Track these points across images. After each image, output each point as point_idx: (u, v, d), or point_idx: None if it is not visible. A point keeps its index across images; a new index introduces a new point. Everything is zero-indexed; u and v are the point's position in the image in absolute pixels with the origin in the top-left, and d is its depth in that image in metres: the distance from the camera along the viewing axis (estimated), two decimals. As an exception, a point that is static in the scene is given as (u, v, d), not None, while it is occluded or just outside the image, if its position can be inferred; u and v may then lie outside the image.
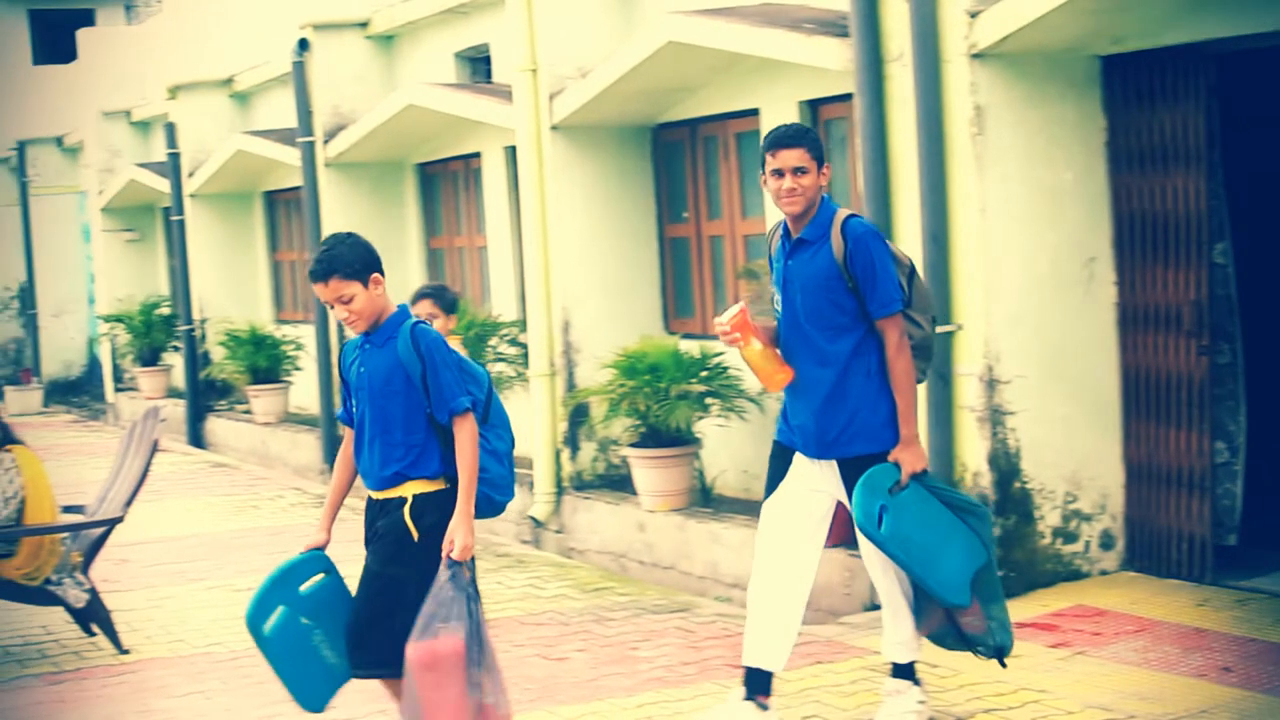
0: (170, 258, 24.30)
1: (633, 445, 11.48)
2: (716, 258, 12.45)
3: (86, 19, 31.00)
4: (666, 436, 11.26)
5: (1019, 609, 8.81)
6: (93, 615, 9.81)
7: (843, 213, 6.82)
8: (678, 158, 12.72)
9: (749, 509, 11.07)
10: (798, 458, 6.98)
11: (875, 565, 6.99)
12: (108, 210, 25.69)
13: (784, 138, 6.81)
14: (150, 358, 23.92)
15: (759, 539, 7.06)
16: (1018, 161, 9.13)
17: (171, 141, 21.57)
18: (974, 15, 8.87)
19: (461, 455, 6.39)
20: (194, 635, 10.02)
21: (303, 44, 16.88)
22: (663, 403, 11.07)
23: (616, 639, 9.28)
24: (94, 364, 29.23)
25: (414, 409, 6.43)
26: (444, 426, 6.42)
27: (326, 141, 16.76)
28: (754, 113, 11.75)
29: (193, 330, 21.62)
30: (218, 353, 20.78)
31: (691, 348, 11.41)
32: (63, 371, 29.90)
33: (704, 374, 11.17)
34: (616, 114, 12.38)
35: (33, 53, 32.88)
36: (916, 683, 7.04)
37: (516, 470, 13.28)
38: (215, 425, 21.08)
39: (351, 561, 6.75)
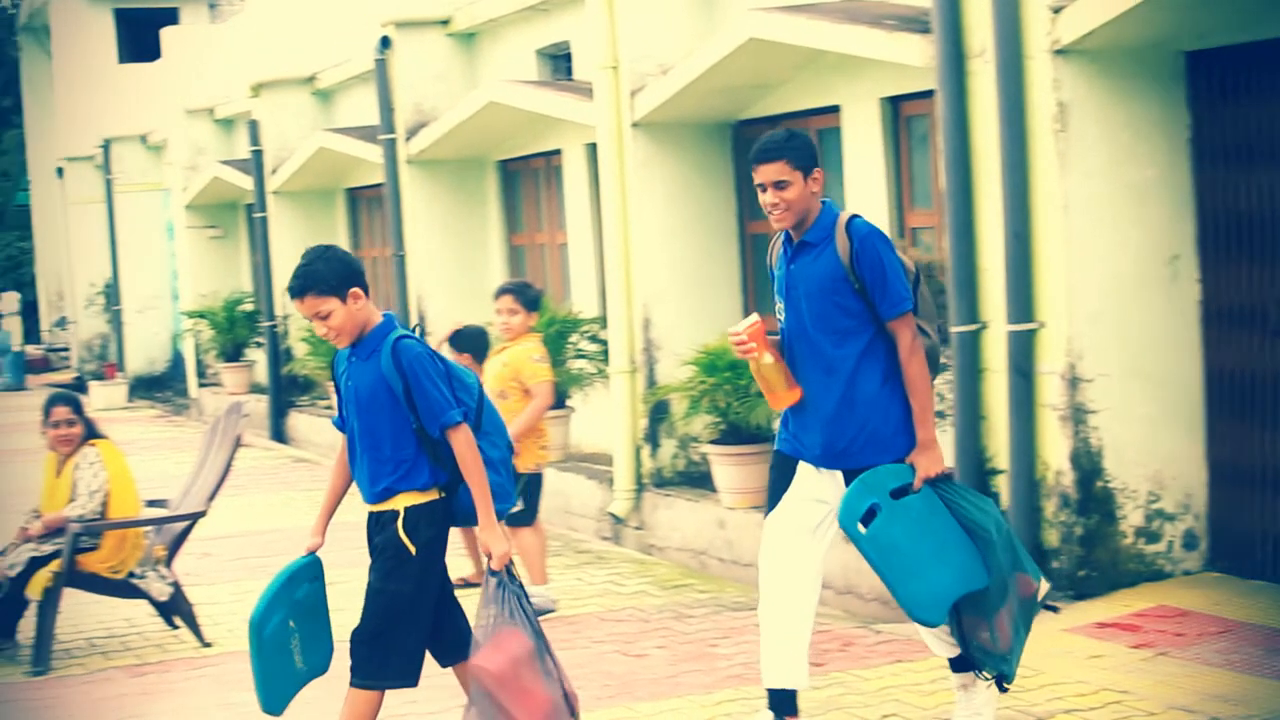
0: (253, 254, 24.44)
1: (713, 442, 11.46)
2: (797, 255, 12.41)
3: (171, 18, 31.26)
4: (747, 433, 11.24)
5: (1101, 609, 8.77)
6: (176, 608, 9.90)
7: (846, 214, 6.69)
8: (759, 155, 12.69)
9: (829, 507, 11.04)
10: (801, 467, 6.81)
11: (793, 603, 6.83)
12: (191, 207, 25.88)
13: (760, 152, 6.65)
14: (233, 353, 24.08)
15: (762, 557, 6.91)
16: (1101, 158, 9.06)
17: (254, 139, 21.71)
18: (1057, 11, 8.81)
19: (465, 468, 6.37)
20: (276, 629, 10.06)
21: (385, 41, 16.95)
22: (743, 400, 11.05)
23: (696, 636, 9.28)
24: (178, 359, 29.44)
25: (400, 424, 6.40)
26: (433, 440, 6.38)
27: (408, 139, 16.82)
28: (835, 109, 11.71)
29: (275, 326, 21.75)
30: (300, 349, 20.90)
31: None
32: (147, 367, 30.13)
33: (784, 371, 11.13)
34: (697, 111, 12.37)
35: (118, 51, 33.20)
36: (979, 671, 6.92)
37: (596, 466, 13.35)
38: (297, 420, 21.20)
39: (357, 566, 6.84)
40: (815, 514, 6.76)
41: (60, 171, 34.20)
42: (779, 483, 6.86)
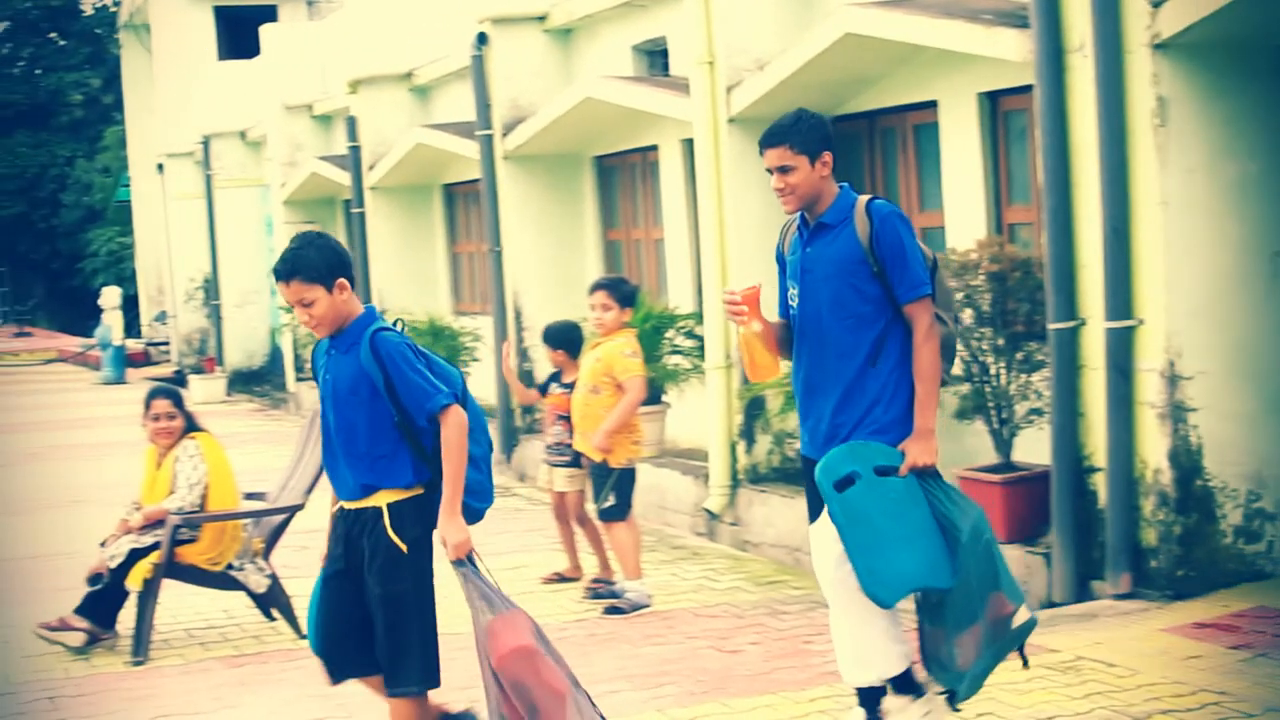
0: (350, 249, 24.56)
1: (808, 438, 11.43)
2: (893, 251, 12.36)
3: (269, 15, 31.52)
4: (842, 430, 11.20)
5: (1199, 609, 8.70)
6: (273, 600, 9.98)
7: (865, 197, 6.56)
8: (855, 150, 12.65)
9: (924, 504, 11.00)
10: None
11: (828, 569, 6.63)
12: (289, 203, 26.06)
13: (766, 136, 6.60)
14: (331, 348, 24.20)
15: (817, 568, 6.75)
16: (1201, 154, 8.98)
17: (352, 135, 21.84)
18: (1156, 5, 8.74)
19: (447, 450, 6.24)
20: (372, 622, 10.12)
21: (482, 38, 17.01)
22: (838, 396, 11.01)
23: (790, 633, 9.27)
24: (276, 354, 29.67)
25: (379, 419, 6.27)
26: (417, 433, 6.26)
27: (505, 134, 16.87)
28: (932, 105, 11.66)
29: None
30: (395, 343, 20.97)
31: (867, 341, 11.34)
32: (245, 361, 30.38)
33: (880, 367, 11.09)
34: (793, 106, 12.26)
35: (218, 48, 33.51)
36: (919, 694, 6.68)
37: (692, 462, 13.34)
38: (394, 415, 21.27)
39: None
40: None
41: (160, 167, 34.53)
42: (814, 489, 6.62)
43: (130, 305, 39.22)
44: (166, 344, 36.89)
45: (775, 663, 8.56)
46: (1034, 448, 9.94)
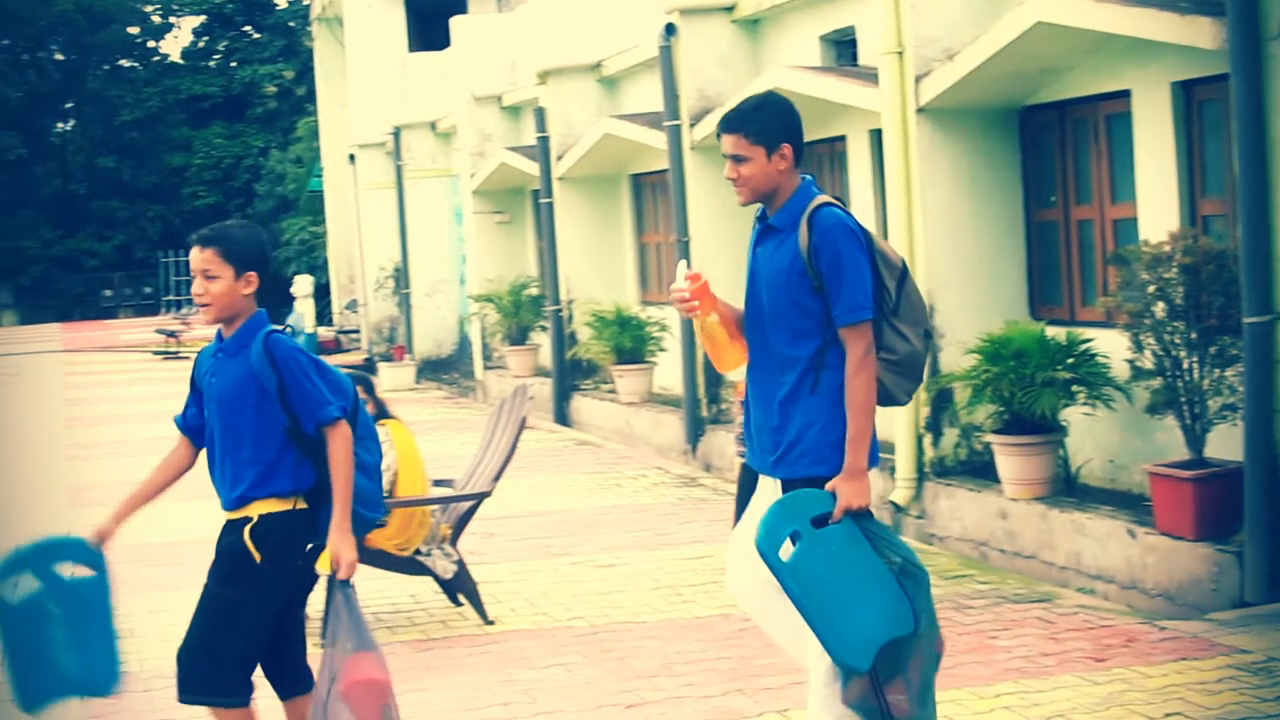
0: (538, 239, 24.75)
1: (995, 432, 11.35)
2: (1085, 243, 12.23)
3: (459, 7, 31.75)
4: (1030, 423, 11.10)
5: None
6: (460, 586, 10.08)
7: (818, 200, 6.00)
8: (1045, 140, 12.51)
9: (1114, 499, 10.88)
10: (762, 480, 6.20)
11: (777, 623, 6.19)
12: (479, 193, 26.28)
13: (722, 120, 6.14)
14: (518, 337, 24.40)
15: (729, 583, 6.36)
16: (1404, 144, 8.79)
17: (541, 126, 21.97)
18: (1359, -8, 8.55)
19: (334, 466, 6.07)
20: (557, 609, 10.21)
21: (669, 29, 17.03)
22: (1027, 389, 10.92)
23: (975, 627, 9.20)
24: (464, 342, 29.93)
25: (267, 424, 6.09)
26: (305, 440, 6.09)
27: (693, 125, 16.89)
28: (1125, 94, 11.50)
29: (560, 310, 21.99)
30: (584, 333, 21.11)
31: (1058, 334, 11.23)
32: (434, 349, 30.67)
33: (1070, 361, 10.98)
34: (983, 96, 12.23)
35: (408, 40, 33.81)
36: None
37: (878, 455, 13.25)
38: (580, 404, 21.43)
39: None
40: None
41: (352, 158, 34.97)
42: (742, 497, 6.31)
43: (322, 293, 39.79)
44: (357, 332, 37.36)
45: (960, 658, 8.49)
46: (1227, 444, 9.78)
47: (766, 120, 6.07)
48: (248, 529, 6.08)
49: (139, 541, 11.45)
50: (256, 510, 6.11)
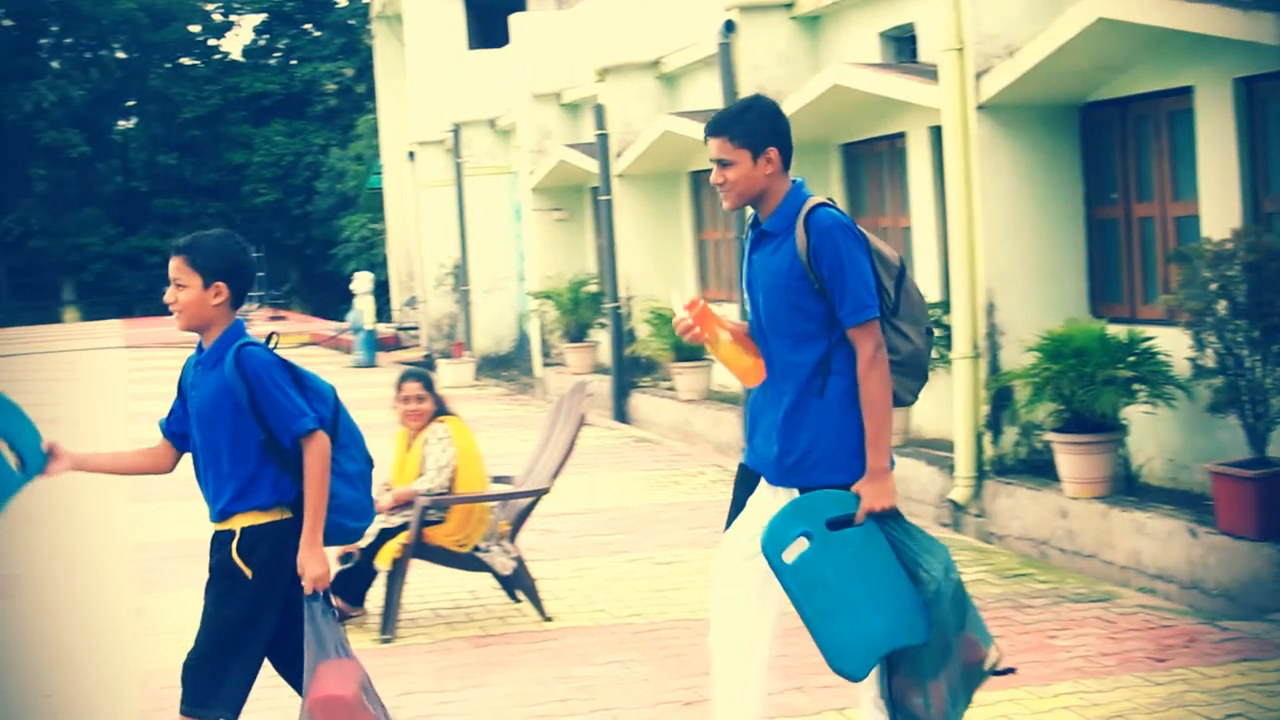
0: (597, 236, 24.77)
1: (1056, 430, 11.29)
2: (1146, 240, 12.16)
3: (519, 4, 31.81)
4: (1091, 422, 11.05)
5: None
6: (518, 582, 10.10)
7: (812, 201, 5.92)
8: (1106, 137, 12.45)
9: (1175, 499, 10.81)
10: (762, 484, 6.08)
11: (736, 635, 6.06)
12: (538, 190, 26.31)
13: (709, 124, 6.01)
14: (577, 334, 24.42)
15: (712, 578, 6.22)
16: None
17: (600, 123, 22.00)
18: None
19: (309, 479, 5.99)
20: (615, 605, 10.22)
21: (729, 25, 17.02)
22: (1088, 388, 10.87)
23: (1034, 627, 9.16)
24: (523, 339, 29.99)
25: (243, 437, 6.02)
26: (283, 453, 6.02)
27: (755, 122, 16.84)
28: (1187, 91, 11.43)
29: (619, 308, 22.01)
30: (642, 330, 21.12)
31: (1119, 332, 11.17)
32: (493, 346, 30.74)
33: (1131, 359, 10.92)
34: (1043, 93, 12.18)
35: (468, 38, 33.91)
36: None
37: (936, 452, 13.24)
38: (639, 401, 21.44)
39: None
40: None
41: (411, 155, 35.07)
42: (737, 499, 6.19)
43: (381, 290, 39.90)
44: (416, 329, 37.47)
45: (1019, 657, 8.46)
46: (1290, 443, 9.72)
47: (752, 124, 5.96)
48: (234, 544, 6.06)
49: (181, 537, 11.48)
50: (239, 523, 6.07)
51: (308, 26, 70.37)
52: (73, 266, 65.66)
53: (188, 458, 6.35)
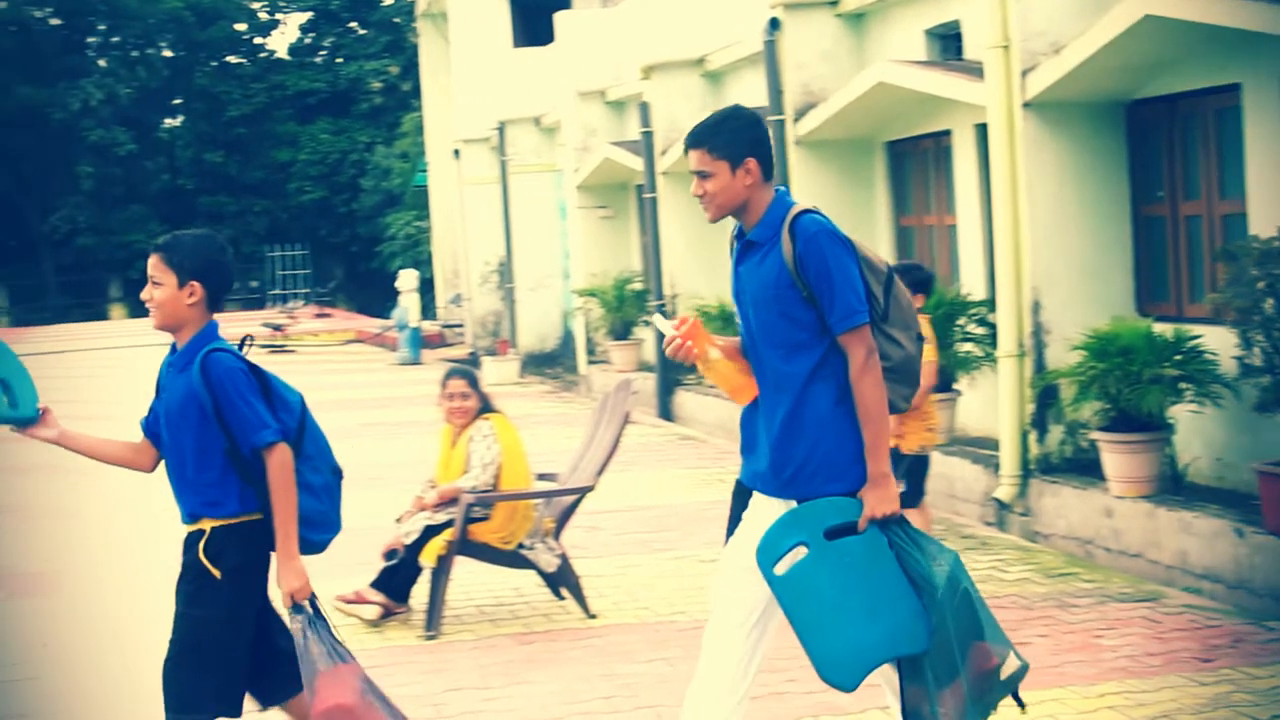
0: (642, 234, 24.79)
1: (1102, 429, 11.25)
2: (1193, 238, 12.11)
3: (564, 2, 31.84)
4: (1137, 421, 11.01)
5: None
6: (563, 580, 10.11)
7: (797, 208, 5.82)
8: (1153, 135, 12.40)
9: (1222, 498, 10.76)
10: (755, 498, 5.98)
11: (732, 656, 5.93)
12: (583, 187, 26.34)
13: (688, 136, 5.92)
14: (622, 332, 24.44)
15: (712, 590, 6.13)
16: None
17: (645, 120, 22.01)
18: None
19: (274, 493, 5.91)
20: (659, 603, 10.23)
21: (774, 23, 17.01)
22: (1134, 386, 10.83)
23: (1080, 626, 9.14)
24: (568, 337, 30.03)
25: (207, 443, 5.95)
26: (244, 463, 5.94)
27: (797, 120, 16.86)
28: (1235, 88, 11.37)
29: (663, 305, 22.01)
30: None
31: (1165, 330, 11.13)
32: (538, 344, 30.79)
33: (1178, 358, 10.88)
34: (1090, 90, 12.14)
35: (513, 36, 33.96)
36: None
37: (982, 451, 13.20)
38: (684, 399, 21.44)
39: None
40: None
41: (457, 153, 35.14)
42: (735, 513, 6.10)
43: (426, 288, 39.99)
44: (461, 326, 37.55)
45: (1064, 656, 8.44)
46: (1338, 442, 9.68)
47: (731, 135, 5.85)
48: (201, 545, 5.99)
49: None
50: (208, 524, 6.02)
51: (353, 25, 70.57)
52: (120, 264, 65.95)
53: None
